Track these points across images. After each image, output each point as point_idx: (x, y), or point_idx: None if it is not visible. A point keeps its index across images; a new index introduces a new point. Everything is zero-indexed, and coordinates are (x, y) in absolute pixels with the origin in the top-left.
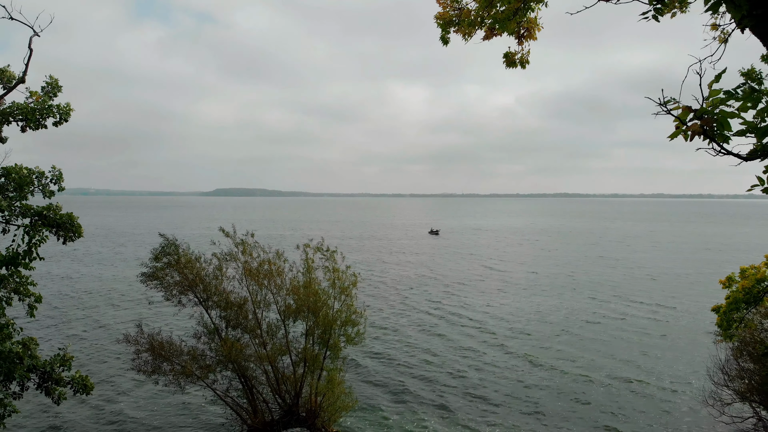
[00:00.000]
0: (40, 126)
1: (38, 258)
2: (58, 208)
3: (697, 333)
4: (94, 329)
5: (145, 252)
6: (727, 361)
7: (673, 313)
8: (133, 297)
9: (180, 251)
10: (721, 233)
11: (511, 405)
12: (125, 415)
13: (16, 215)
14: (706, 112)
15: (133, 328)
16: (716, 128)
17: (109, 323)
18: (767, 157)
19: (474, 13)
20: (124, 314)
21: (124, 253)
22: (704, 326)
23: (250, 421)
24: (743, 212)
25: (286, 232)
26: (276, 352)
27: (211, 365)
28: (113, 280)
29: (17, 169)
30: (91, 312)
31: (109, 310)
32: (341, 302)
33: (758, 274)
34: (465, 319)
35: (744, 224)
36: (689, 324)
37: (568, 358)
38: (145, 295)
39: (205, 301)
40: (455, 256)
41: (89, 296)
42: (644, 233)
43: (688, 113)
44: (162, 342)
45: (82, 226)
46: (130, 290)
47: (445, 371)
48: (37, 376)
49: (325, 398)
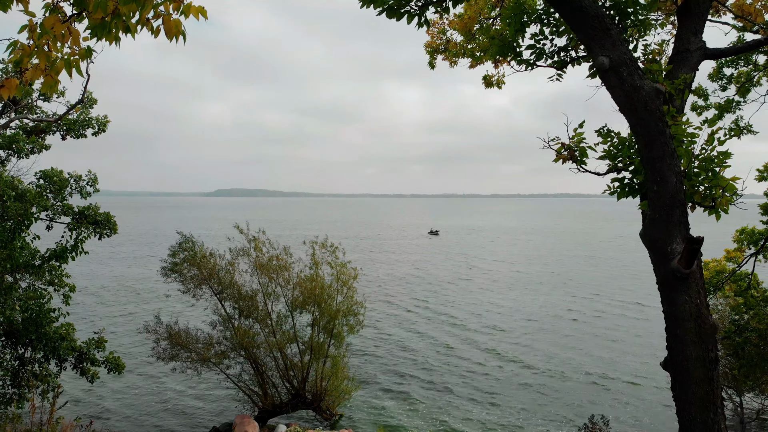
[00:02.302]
0: (81, 136)
1: (83, 252)
2: (96, 208)
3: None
4: (112, 321)
5: (147, 251)
6: None
7: (648, 308)
8: (143, 292)
9: (196, 247)
10: (712, 232)
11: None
12: (145, 398)
13: (58, 214)
14: (572, 146)
15: (152, 319)
16: (579, 156)
17: (126, 316)
18: (617, 172)
19: (459, 45)
20: (136, 308)
21: (125, 252)
22: None
23: (261, 403)
24: (742, 212)
25: (284, 232)
26: (285, 340)
27: (225, 351)
28: (123, 277)
29: (57, 172)
30: (108, 305)
31: (125, 304)
32: (344, 295)
33: (719, 266)
34: (453, 317)
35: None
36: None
37: (548, 352)
38: (154, 291)
39: (220, 293)
40: (454, 256)
41: (105, 291)
42: (634, 233)
43: (562, 147)
44: (179, 331)
45: (117, 224)
46: (138, 287)
47: (428, 364)
48: (74, 357)
49: (329, 383)
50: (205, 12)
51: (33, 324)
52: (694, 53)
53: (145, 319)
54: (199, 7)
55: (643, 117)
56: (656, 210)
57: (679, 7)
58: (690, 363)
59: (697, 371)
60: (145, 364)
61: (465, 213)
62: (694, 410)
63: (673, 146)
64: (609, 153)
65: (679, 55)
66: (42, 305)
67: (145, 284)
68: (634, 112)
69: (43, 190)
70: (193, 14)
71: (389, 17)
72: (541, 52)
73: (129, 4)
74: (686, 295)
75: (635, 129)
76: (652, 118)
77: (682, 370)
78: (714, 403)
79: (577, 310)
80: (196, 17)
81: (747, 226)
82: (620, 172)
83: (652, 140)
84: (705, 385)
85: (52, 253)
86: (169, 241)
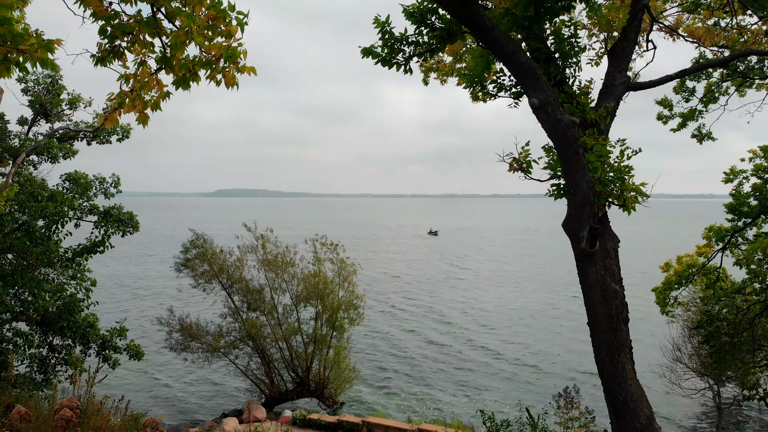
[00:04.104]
0: (106, 142)
1: (110, 246)
2: (120, 207)
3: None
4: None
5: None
6: (681, 339)
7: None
8: (140, 290)
9: (206, 245)
10: (688, 230)
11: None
12: (158, 386)
13: (86, 213)
14: (520, 160)
15: (165, 312)
16: (525, 168)
17: (137, 311)
18: (556, 179)
19: (448, 65)
20: (147, 304)
21: (126, 252)
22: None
23: (268, 391)
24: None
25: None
26: (290, 332)
27: (235, 341)
28: (121, 275)
29: (82, 175)
30: (120, 301)
31: (136, 300)
32: (345, 289)
33: (691, 260)
34: (443, 314)
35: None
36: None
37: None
38: (150, 288)
39: (229, 288)
40: (449, 256)
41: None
42: (625, 233)
43: (513, 161)
44: (191, 324)
45: (139, 222)
46: (138, 284)
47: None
48: (97, 345)
49: (332, 372)
50: (255, 70)
51: (66, 311)
52: (618, 87)
53: (143, 315)
54: (251, 67)
55: (562, 141)
56: (572, 207)
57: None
58: (598, 318)
59: (604, 324)
60: (157, 354)
61: (465, 213)
62: (603, 353)
63: (585, 162)
64: (550, 165)
65: (606, 88)
66: (73, 295)
67: (144, 282)
68: (557, 138)
69: (70, 192)
70: (246, 72)
71: (383, 66)
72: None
73: (204, 67)
74: (593, 267)
75: (558, 150)
76: (569, 142)
77: (593, 323)
78: (618, 348)
79: (558, 307)
80: (248, 74)
81: (715, 224)
82: (559, 179)
83: (569, 158)
84: (610, 334)
85: (84, 248)
86: (169, 240)
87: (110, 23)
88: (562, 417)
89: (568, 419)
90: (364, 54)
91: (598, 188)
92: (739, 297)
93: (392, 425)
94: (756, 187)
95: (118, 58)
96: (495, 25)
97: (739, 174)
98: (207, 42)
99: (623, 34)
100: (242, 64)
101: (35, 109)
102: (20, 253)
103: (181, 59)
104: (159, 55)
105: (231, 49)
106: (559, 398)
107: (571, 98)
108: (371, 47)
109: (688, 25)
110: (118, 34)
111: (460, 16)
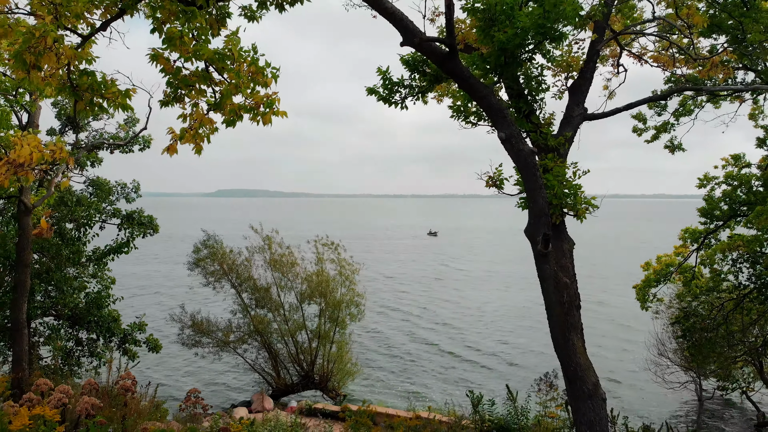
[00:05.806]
0: (129, 151)
1: (135, 247)
2: (141, 211)
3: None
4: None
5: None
6: (664, 334)
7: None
8: (138, 289)
9: (216, 245)
10: (668, 230)
11: None
12: (172, 379)
13: (109, 216)
14: (494, 178)
15: (178, 309)
16: (499, 184)
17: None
18: (523, 193)
19: (443, 87)
20: (146, 302)
21: None
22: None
23: (274, 383)
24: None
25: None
26: (295, 328)
27: (243, 336)
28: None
29: (104, 181)
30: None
31: (135, 299)
32: (346, 287)
33: (669, 260)
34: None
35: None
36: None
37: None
38: (148, 287)
39: (239, 286)
40: (451, 257)
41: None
42: (616, 233)
43: (490, 178)
44: (201, 320)
45: (159, 225)
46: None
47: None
48: (118, 338)
49: (335, 366)
50: (286, 114)
51: (95, 307)
52: (576, 117)
53: (142, 311)
54: (283, 111)
55: (524, 166)
56: (531, 217)
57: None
58: (552, 304)
59: (557, 309)
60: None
61: (465, 213)
62: (557, 332)
63: (542, 182)
64: (519, 182)
65: (566, 119)
66: (100, 291)
67: (144, 282)
68: (519, 164)
69: (95, 196)
70: (279, 115)
71: (384, 103)
72: (481, 115)
73: (248, 112)
74: (547, 264)
75: (521, 172)
76: (529, 167)
77: (548, 308)
78: (569, 328)
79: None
80: (280, 117)
81: (690, 226)
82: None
83: (529, 179)
84: (562, 317)
85: (111, 248)
86: (169, 240)
87: (176, 77)
88: (542, 398)
89: (547, 400)
90: (369, 93)
91: (555, 201)
92: (713, 295)
93: (392, 413)
94: (726, 193)
95: (178, 101)
96: (471, 75)
97: (711, 180)
98: (251, 92)
99: (580, 74)
100: (277, 109)
101: (63, 121)
102: (53, 254)
103: (230, 105)
104: (211, 100)
105: (269, 98)
106: (540, 382)
107: (537, 127)
108: (374, 87)
109: (652, 54)
110: (182, 86)
111: (444, 67)
